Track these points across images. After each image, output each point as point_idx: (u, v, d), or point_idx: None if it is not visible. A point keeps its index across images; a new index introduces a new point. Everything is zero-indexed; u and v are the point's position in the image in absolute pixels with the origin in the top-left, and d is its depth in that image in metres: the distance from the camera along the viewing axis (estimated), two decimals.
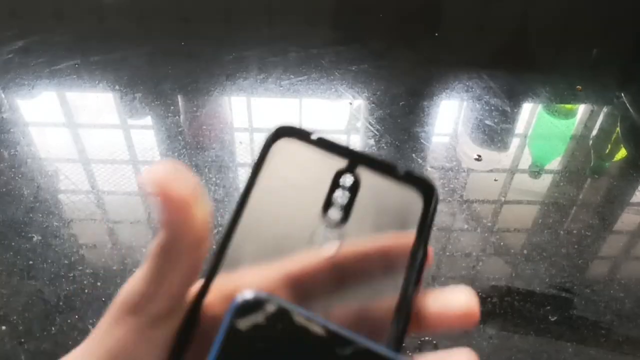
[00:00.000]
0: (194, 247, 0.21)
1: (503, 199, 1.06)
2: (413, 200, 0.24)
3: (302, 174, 0.24)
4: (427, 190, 0.23)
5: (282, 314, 0.20)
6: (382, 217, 0.24)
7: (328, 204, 0.24)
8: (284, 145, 0.24)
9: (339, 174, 0.24)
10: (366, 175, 0.24)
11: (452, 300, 0.24)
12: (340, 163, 0.24)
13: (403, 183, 0.24)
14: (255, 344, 0.20)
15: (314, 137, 0.24)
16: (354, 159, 0.24)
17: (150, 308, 0.21)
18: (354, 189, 0.24)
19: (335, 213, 0.24)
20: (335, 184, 0.24)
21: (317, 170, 0.24)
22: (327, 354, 0.20)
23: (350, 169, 0.24)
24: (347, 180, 0.24)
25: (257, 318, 0.20)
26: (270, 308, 0.20)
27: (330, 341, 0.20)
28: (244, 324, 0.20)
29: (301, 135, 0.24)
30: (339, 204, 0.24)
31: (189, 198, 0.20)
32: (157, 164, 0.21)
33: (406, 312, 0.22)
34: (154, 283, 0.21)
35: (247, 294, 0.20)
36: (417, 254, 0.23)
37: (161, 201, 0.20)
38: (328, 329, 0.20)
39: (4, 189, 1.02)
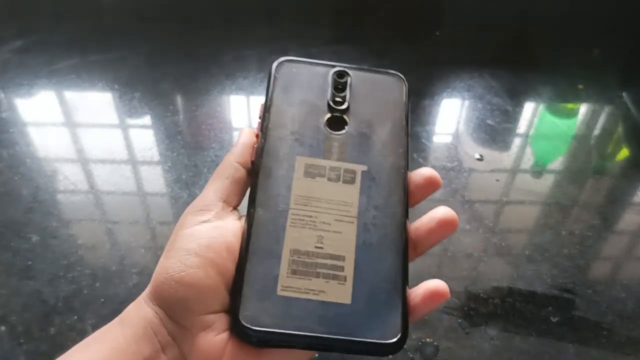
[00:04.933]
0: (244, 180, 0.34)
1: (505, 199, 1.05)
2: (393, 87, 0.33)
3: (304, 90, 0.34)
4: (398, 79, 0.34)
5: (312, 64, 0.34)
6: (374, 107, 0.34)
7: (329, 108, 0.33)
8: (285, 71, 0.34)
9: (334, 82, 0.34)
10: (353, 78, 0.34)
11: (432, 214, 0.32)
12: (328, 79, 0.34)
13: (381, 78, 0.34)
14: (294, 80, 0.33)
15: (306, 62, 0.34)
16: (341, 73, 0.34)
17: (216, 211, 0.32)
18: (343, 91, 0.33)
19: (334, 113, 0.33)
20: (334, 86, 0.33)
21: (313, 85, 0.34)
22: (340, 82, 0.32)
23: (338, 80, 0.34)
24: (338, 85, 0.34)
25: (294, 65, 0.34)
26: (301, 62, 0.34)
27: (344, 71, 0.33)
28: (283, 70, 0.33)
29: (297, 62, 0.34)
30: (337, 108, 0.33)
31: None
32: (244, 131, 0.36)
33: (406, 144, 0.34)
34: (218, 199, 0.32)
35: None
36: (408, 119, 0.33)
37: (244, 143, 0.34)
38: (336, 64, 0.34)
39: (2, 189, 1.01)
